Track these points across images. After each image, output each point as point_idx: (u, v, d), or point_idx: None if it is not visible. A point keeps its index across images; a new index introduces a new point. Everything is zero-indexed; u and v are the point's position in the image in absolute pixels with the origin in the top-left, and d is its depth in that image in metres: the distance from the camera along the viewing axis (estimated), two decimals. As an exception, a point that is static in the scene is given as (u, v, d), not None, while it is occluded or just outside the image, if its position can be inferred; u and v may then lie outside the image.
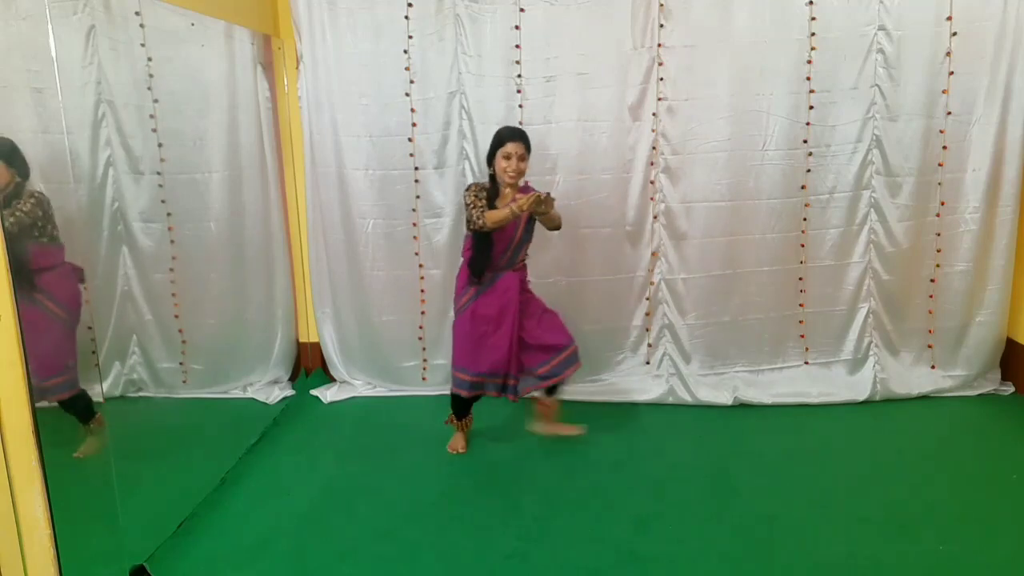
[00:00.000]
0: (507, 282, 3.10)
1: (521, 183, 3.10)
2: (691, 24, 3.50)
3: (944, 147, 3.54)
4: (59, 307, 2.34)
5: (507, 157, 3.00)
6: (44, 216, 2.28)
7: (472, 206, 2.98)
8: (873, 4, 3.42)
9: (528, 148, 3.05)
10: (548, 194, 2.82)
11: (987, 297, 3.67)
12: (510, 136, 3.02)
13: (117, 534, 2.32)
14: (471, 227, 3.00)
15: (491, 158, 3.07)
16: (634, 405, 3.75)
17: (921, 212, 3.62)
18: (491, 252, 3.05)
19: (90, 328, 2.35)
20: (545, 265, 3.76)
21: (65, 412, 2.34)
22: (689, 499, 2.86)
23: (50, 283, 2.31)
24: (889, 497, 2.82)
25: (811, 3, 3.44)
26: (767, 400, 3.72)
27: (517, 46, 3.58)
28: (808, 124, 3.55)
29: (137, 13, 2.92)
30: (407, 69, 3.66)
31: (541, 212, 2.88)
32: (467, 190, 3.06)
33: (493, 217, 2.92)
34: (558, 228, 3.14)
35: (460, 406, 3.29)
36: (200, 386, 3.52)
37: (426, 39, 3.63)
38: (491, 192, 3.07)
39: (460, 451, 3.28)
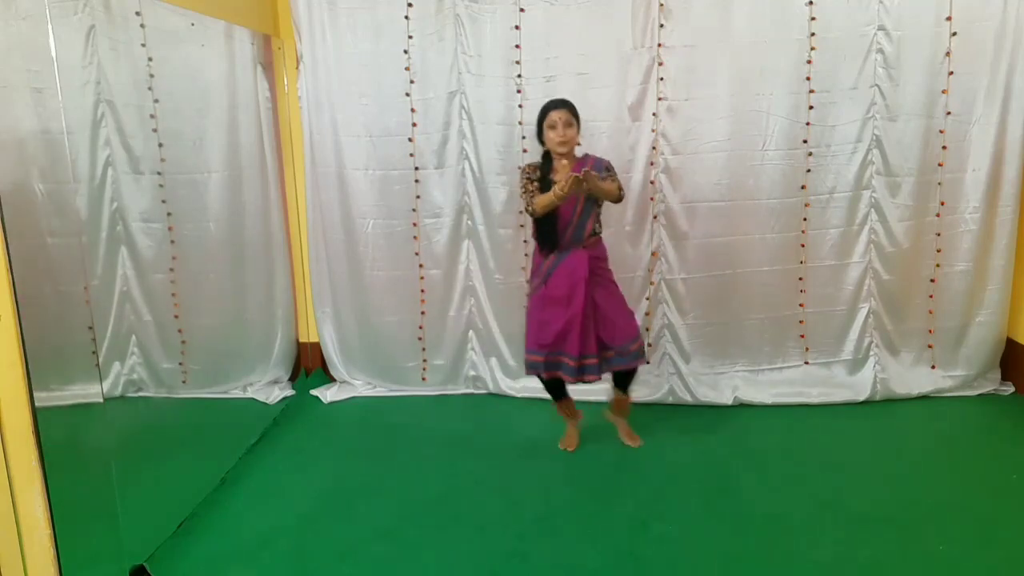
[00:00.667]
0: (575, 261, 3.00)
1: (579, 153, 3.07)
2: (691, 24, 3.50)
3: (944, 147, 3.54)
4: None
5: (552, 126, 2.96)
6: None
7: (524, 191, 2.96)
8: (873, 4, 3.42)
9: (575, 115, 2.99)
10: (587, 171, 2.73)
11: (987, 297, 3.67)
12: (552, 105, 2.99)
13: (117, 534, 2.31)
14: (527, 213, 2.98)
15: (540, 134, 3.04)
16: (634, 405, 3.74)
17: (921, 212, 3.62)
18: (555, 230, 2.99)
19: (90, 328, 2.35)
20: (545, 265, 3.77)
21: None
22: (689, 499, 2.86)
23: None
24: (889, 497, 2.82)
25: (811, 3, 3.44)
26: (767, 400, 3.72)
27: (517, 46, 3.58)
28: (808, 124, 3.55)
29: (137, 13, 2.92)
30: (407, 69, 3.66)
31: (584, 192, 2.83)
32: (521, 172, 3.04)
33: (542, 203, 2.87)
34: (619, 200, 3.02)
35: (551, 388, 3.22)
36: (200, 386, 3.52)
37: (426, 39, 3.63)
38: (544, 168, 3.01)
39: (570, 448, 3.26)
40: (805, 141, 3.57)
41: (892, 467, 3.07)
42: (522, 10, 3.54)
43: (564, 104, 2.99)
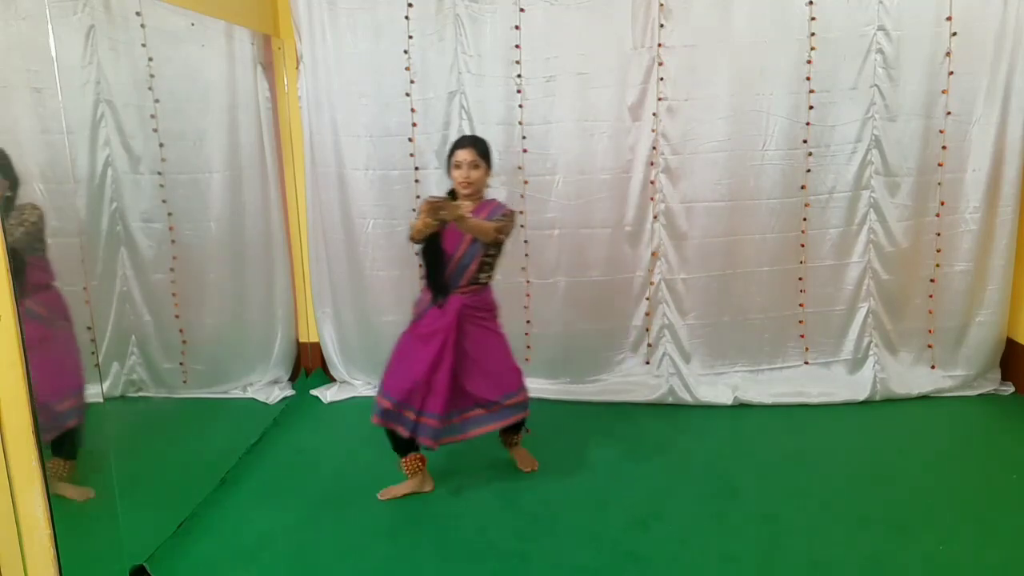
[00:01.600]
0: (448, 306, 2.79)
1: (488, 196, 2.86)
2: (691, 24, 3.50)
3: (944, 147, 3.54)
4: (64, 323, 2.30)
5: (457, 166, 2.77)
6: (42, 231, 2.25)
7: (418, 216, 2.71)
8: (873, 4, 3.42)
9: (482, 155, 2.78)
10: (445, 199, 2.56)
11: (987, 297, 3.67)
12: (460, 143, 2.80)
13: (117, 534, 2.31)
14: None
15: (448, 168, 2.83)
16: (634, 405, 3.75)
17: (921, 212, 3.62)
18: (437, 265, 2.77)
19: (90, 328, 2.35)
20: (545, 265, 3.77)
21: (60, 447, 2.24)
22: (689, 499, 2.86)
23: (51, 300, 2.29)
24: (889, 497, 2.82)
25: (811, 3, 3.44)
26: (767, 400, 3.72)
27: (517, 46, 3.58)
28: (808, 124, 3.55)
29: (137, 13, 2.92)
30: (407, 69, 3.66)
31: (442, 220, 2.57)
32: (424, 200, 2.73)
33: (415, 226, 2.66)
34: (495, 242, 2.77)
35: (397, 442, 2.90)
36: (200, 386, 3.52)
37: (426, 39, 3.62)
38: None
39: (382, 497, 2.90)
40: (805, 141, 3.57)
41: (892, 467, 3.07)
42: (522, 10, 3.54)
43: (473, 143, 2.79)
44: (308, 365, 4.18)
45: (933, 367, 3.78)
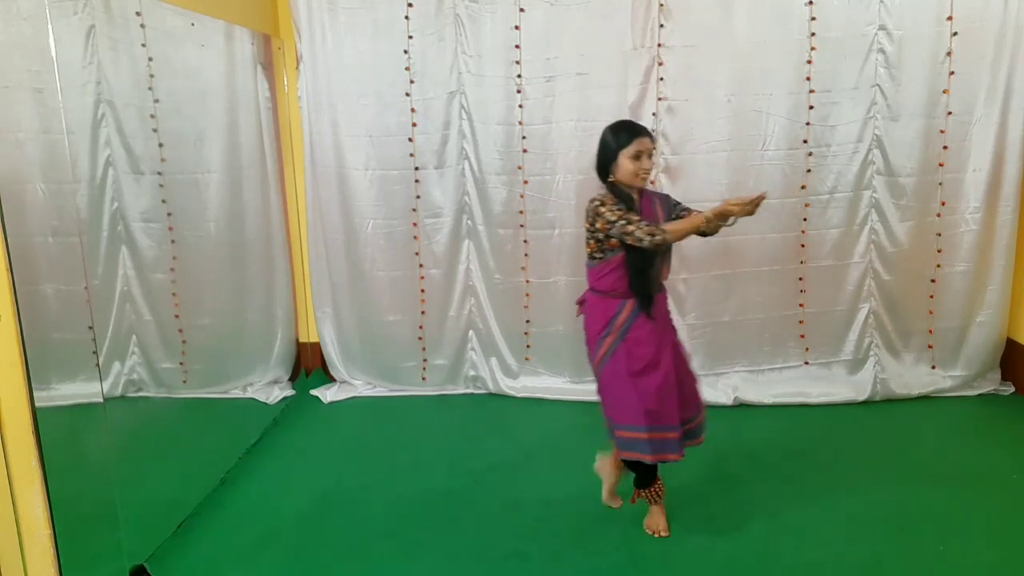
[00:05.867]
0: (657, 311, 2.50)
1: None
2: (691, 24, 3.50)
3: (945, 147, 3.54)
4: None
5: (636, 157, 2.41)
6: None
7: (626, 221, 2.35)
8: (873, 4, 3.42)
9: (655, 142, 2.51)
10: (764, 194, 2.30)
11: (987, 297, 3.66)
12: (633, 130, 2.43)
13: (117, 534, 2.32)
14: (641, 244, 2.34)
15: (608, 164, 2.46)
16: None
17: (922, 212, 3.62)
18: (649, 273, 2.45)
19: (90, 328, 2.35)
20: (545, 265, 3.77)
21: None
22: (690, 499, 2.85)
23: None
24: (889, 497, 2.82)
25: (811, 3, 3.44)
26: (767, 400, 3.72)
27: (517, 46, 3.58)
28: (808, 124, 3.55)
29: (137, 13, 2.92)
30: (407, 69, 3.66)
31: (745, 215, 2.34)
32: (601, 205, 2.40)
33: (680, 230, 2.35)
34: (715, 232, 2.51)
35: (645, 471, 2.60)
36: (200, 386, 3.52)
37: (426, 39, 3.62)
38: (627, 199, 2.46)
39: (662, 533, 2.61)
40: (805, 141, 3.57)
41: (892, 467, 3.07)
42: (522, 10, 3.54)
43: (646, 130, 2.47)
44: (308, 365, 4.18)
45: (933, 367, 3.78)
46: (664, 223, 2.43)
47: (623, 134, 2.44)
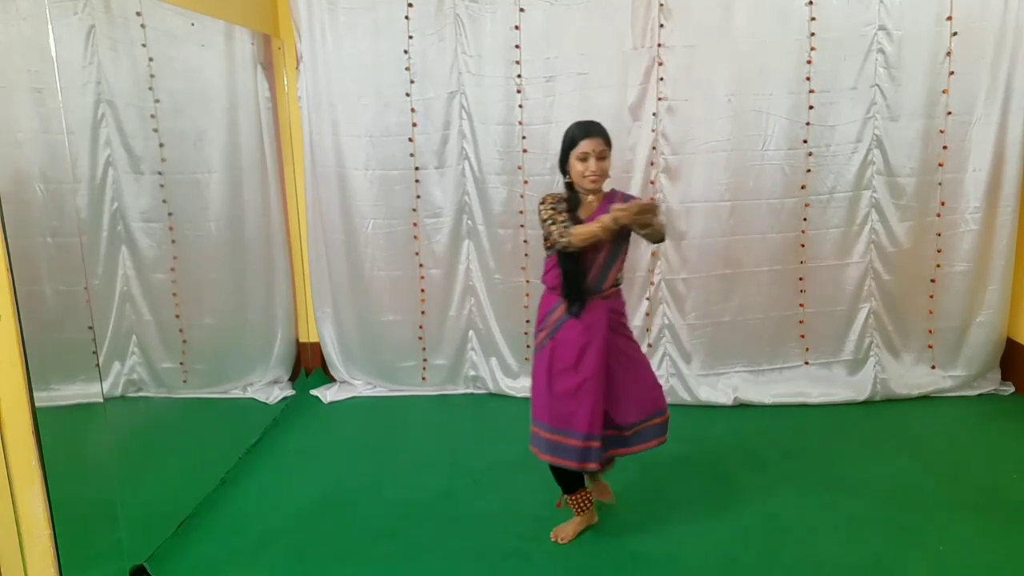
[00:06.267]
0: (590, 315, 2.46)
1: (606, 188, 2.51)
2: (691, 24, 3.50)
3: (944, 147, 3.54)
4: None
5: (583, 158, 2.39)
6: None
7: (551, 221, 2.37)
8: (873, 4, 3.42)
9: (609, 143, 2.43)
10: (653, 200, 2.21)
11: (987, 297, 3.66)
12: (584, 132, 2.40)
13: (117, 534, 2.32)
14: (554, 247, 2.40)
15: (564, 162, 2.46)
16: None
17: (922, 212, 3.62)
18: (583, 277, 2.44)
19: (90, 328, 2.35)
20: (545, 265, 3.77)
21: None
22: (689, 499, 2.86)
23: None
24: (889, 497, 2.82)
25: (811, 3, 3.44)
26: (767, 400, 3.72)
27: (517, 46, 3.58)
28: (808, 124, 3.55)
29: (138, 13, 2.92)
30: (407, 69, 3.66)
31: (644, 224, 2.27)
32: (542, 203, 2.44)
33: (581, 233, 2.31)
34: (663, 240, 2.51)
35: (563, 476, 2.59)
36: (200, 386, 3.52)
37: (426, 39, 3.63)
38: (571, 203, 2.46)
39: (560, 540, 2.61)
40: (805, 141, 3.57)
41: (892, 467, 3.07)
42: (522, 10, 3.54)
43: (598, 131, 2.42)
44: (308, 365, 4.18)
45: (933, 367, 3.78)
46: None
47: (575, 134, 2.43)
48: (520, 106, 3.63)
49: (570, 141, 2.43)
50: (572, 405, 2.44)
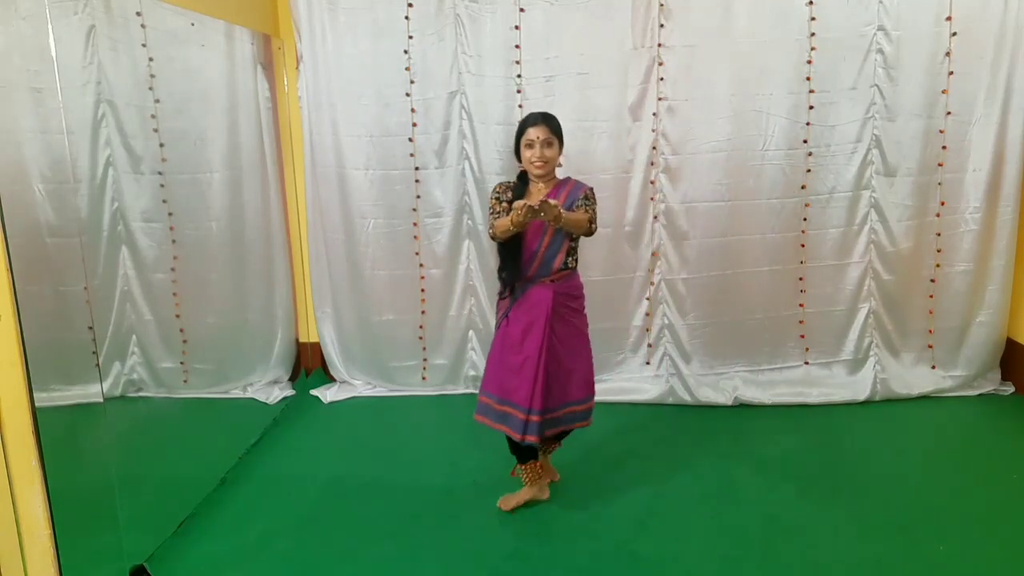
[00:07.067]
0: (536, 297, 2.65)
1: (560, 175, 2.70)
2: (691, 24, 3.50)
3: (944, 147, 3.54)
4: None
5: (529, 145, 2.61)
6: None
7: (491, 211, 2.66)
8: (873, 4, 3.43)
9: (555, 132, 2.62)
10: (544, 201, 2.34)
11: (987, 297, 3.67)
12: (532, 121, 2.62)
13: (117, 534, 2.31)
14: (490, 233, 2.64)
15: (517, 150, 2.69)
16: (634, 405, 3.75)
17: (921, 212, 3.62)
18: (518, 261, 2.64)
19: (90, 328, 2.35)
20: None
21: None
22: (689, 499, 2.86)
23: None
24: (889, 497, 2.82)
25: (811, 3, 3.44)
26: (767, 400, 3.72)
27: (517, 46, 3.58)
28: (808, 124, 3.55)
29: (138, 13, 2.92)
30: (407, 69, 3.66)
31: (549, 221, 2.42)
32: (492, 191, 2.71)
33: (501, 227, 2.52)
34: (589, 233, 2.65)
35: (516, 446, 2.76)
36: (200, 386, 3.52)
37: (426, 39, 3.63)
38: (519, 190, 2.66)
39: (503, 507, 2.81)
40: (805, 141, 3.57)
41: (892, 467, 3.07)
42: (522, 10, 3.55)
43: (545, 119, 2.63)
44: (308, 365, 4.18)
45: (933, 367, 3.78)
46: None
47: (524, 122, 2.66)
48: (520, 106, 3.63)
49: (520, 129, 2.66)
50: (516, 380, 2.65)
